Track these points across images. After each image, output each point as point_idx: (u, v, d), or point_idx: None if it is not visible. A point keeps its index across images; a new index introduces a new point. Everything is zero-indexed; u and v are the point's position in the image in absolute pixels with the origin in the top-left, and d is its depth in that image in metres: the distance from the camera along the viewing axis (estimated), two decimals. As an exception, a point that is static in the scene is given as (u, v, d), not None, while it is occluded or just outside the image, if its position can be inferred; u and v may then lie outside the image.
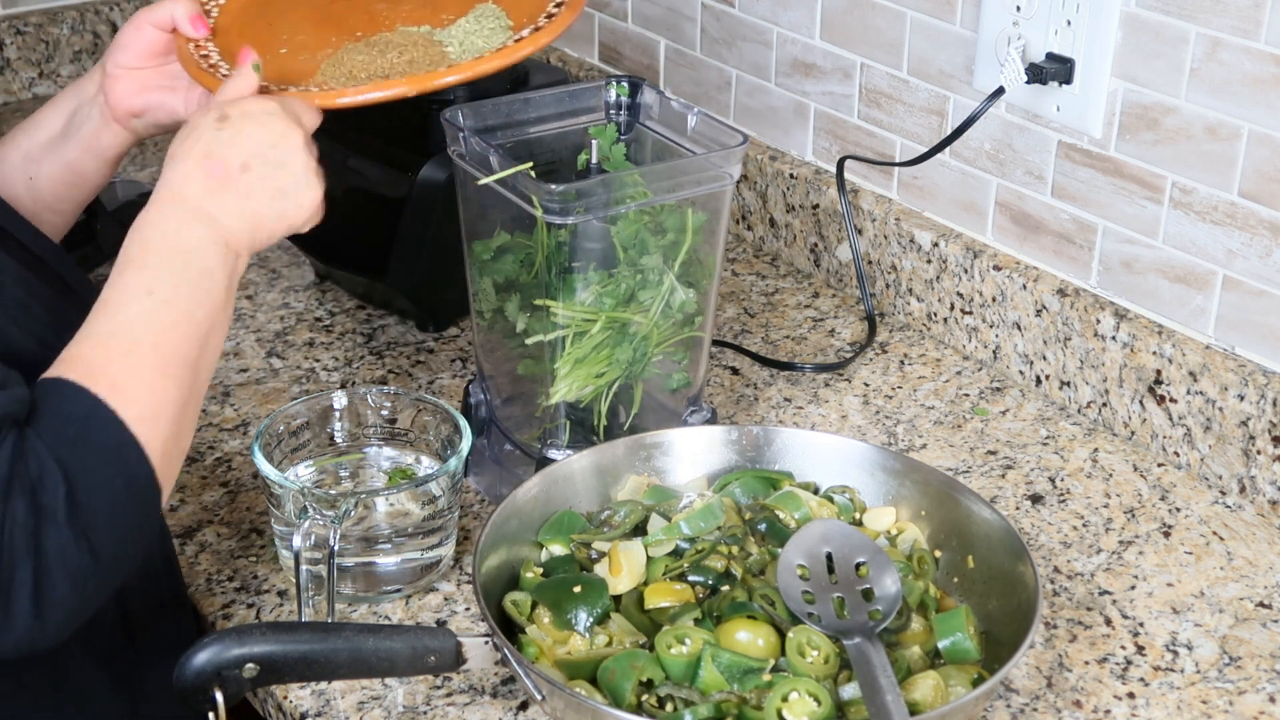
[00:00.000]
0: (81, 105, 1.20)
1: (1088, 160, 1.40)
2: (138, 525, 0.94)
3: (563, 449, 1.24)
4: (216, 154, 1.03)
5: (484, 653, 1.04)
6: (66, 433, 0.91)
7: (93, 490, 0.90)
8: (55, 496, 0.89)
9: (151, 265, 0.99)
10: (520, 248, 1.22)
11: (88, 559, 0.90)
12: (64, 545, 0.89)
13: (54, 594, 0.89)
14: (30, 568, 0.88)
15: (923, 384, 1.50)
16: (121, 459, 0.92)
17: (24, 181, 1.20)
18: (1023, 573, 1.10)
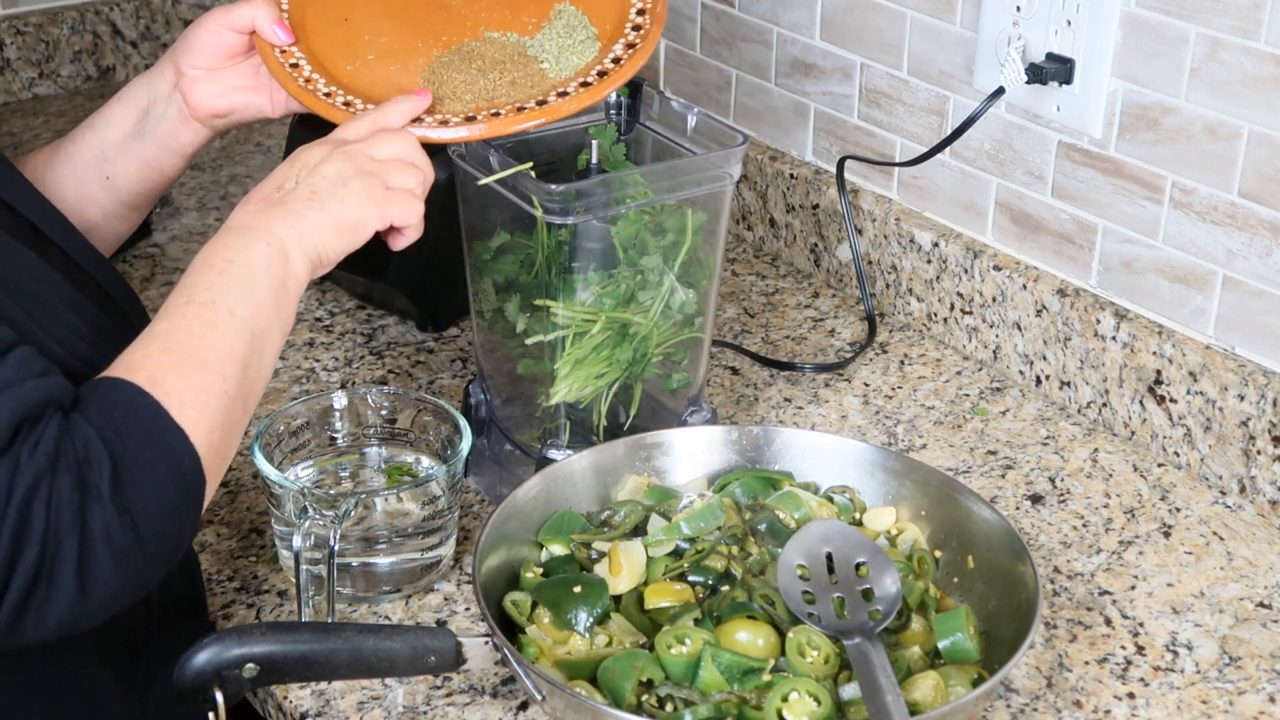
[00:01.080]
0: (155, 103, 1.19)
1: (1088, 160, 1.40)
2: (182, 510, 0.94)
3: (563, 449, 1.24)
4: (255, 192, 1.06)
5: (484, 653, 1.04)
6: (112, 416, 0.92)
7: (137, 471, 0.91)
8: (101, 474, 0.89)
9: (194, 279, 1.01)
10: (520, 248, 1.22)
11: (131, 538, 0.90)
12: (108, 522, 0.89)
13: (98, 571, 0.89)
14: (75, 543, 0.88)
15: (923, 384, 1.50)
16: (165, 445, 0.93)
17: (100, 181, 1.20)
18: (1023, 573, 1.10)
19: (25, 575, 0.88)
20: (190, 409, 0.94)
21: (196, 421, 0.94)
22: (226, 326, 0.99)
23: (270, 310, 1.02)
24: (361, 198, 1.06)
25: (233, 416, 0.98)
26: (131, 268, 1.67)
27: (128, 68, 2.15)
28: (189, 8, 2.18)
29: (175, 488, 0.93)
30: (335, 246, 1.06)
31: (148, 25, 2.15)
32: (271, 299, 1.02)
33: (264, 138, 1.99)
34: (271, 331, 1.02)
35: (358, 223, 1.07)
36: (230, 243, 1.03)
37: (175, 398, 0.94)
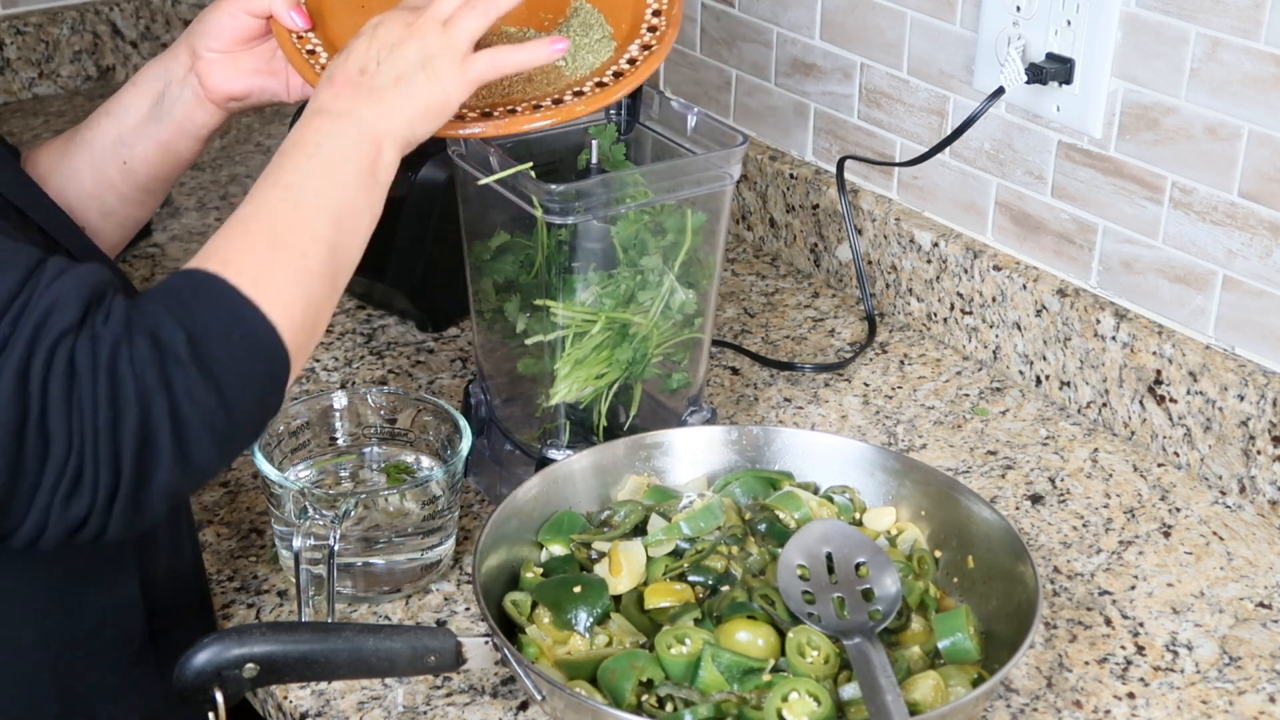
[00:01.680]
0: (170, 86, 1.19)
1: (1088, 160, 1.40)
2: (265, 379, 0.93)
3: (563, 449, 1.24)
4: (337, 71, 1.06)
5: (484, 653, 1.04)
6: (180, 296, 0.92)
7: (213, 341, 0.91)
8: (175, 339, 0.89)
9: (282, 163, 1.01)
10: (520, 248, 1.22)
11: (215, 399, 0.90)
12: (191, 384, 0.89)
13: (190, 433, 0.89)
14: (165, 402, 0.88)
15: (923, 384, 1.50)
16: (238, 317, 0.92)
17: (118, 166, 1.20)
18: (1023, 573, 1.10)
19: (133, 440, 0.87)
20: (265, 285, 0.94)
21: (272, 296, 0.94)
22: (310, 208, 0.99)
23: (357, 195, 1.01)
24: (444, 77, 1.06)
25: (316, 293, 0.97)
26: (131, 268, 1.67)
27: (127, 68, 2.15)
28: (189, 8, 2.18)
29: (253, 356, 0.92)
30: (425, 129, 1.07)
31: (148, 25, 2.15)
32: (359, 184, 1.01)
33: (264, 138, 1.99)
34: (359, 215, 1.01)
35: (444, 102, 1.07)
36: (321, 127, 1.03)
37: (248, 275, 0.94)
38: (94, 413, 0.86)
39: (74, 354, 0.86)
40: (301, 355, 0.97)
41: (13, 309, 0.86)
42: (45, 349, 0.86)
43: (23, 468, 0.86)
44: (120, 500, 0.88)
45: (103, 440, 0.86)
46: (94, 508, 0.88)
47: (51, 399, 0.86)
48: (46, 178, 1.20)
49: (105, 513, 0.88)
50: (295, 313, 0.95)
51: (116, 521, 0.89)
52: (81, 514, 0.88)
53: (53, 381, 0.86)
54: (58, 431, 0.86)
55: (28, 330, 0.86)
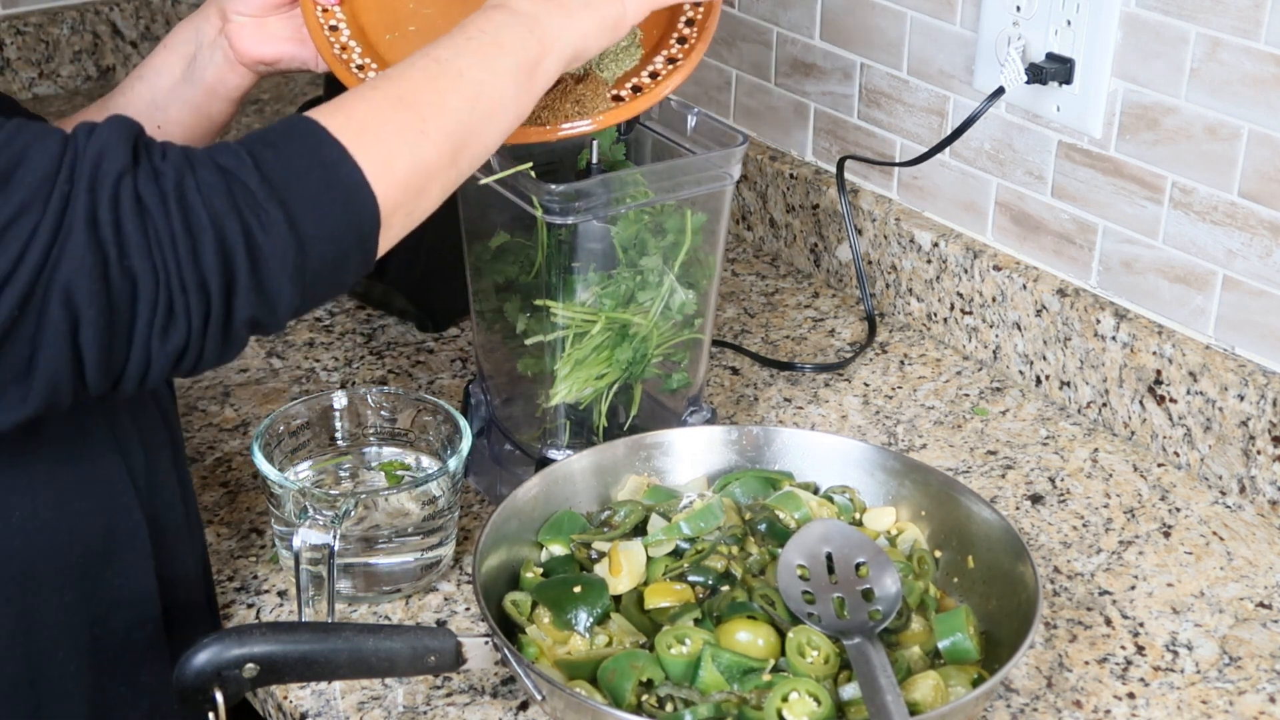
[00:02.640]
0: (201, 48, 1.19)
1: (1088, 160, 1.40)
2: (346, 224, 0.91)
3: (563, 449, 1.24)
4: None
5: (484, 653, 1.04)
6: (267, 133, 0.91)
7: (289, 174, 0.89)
8: (242, 167, 0.88)
9: (443, 40, 1.00)
10: (520, 248, 1.22)
11: (285, 229, 0.88)
12: (259, 209, 0.87)
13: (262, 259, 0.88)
14: (237, 225, 0.87)
15: (923, 384, 1.50)
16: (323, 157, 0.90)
17: (152, 130, 1.19)
18: (1023, 573, 1.10)
19: (215, 262, 0.86)
20: (369, 135, 0.92)
21: (373, 146, 0.92)
22: (449, 80, 0.98)
23: (506, 85, 1.00)
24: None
25: (428, 159, 0.95)
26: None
27: (127, 68, 2.15)
28: (189, 7, 2.18)
29: (332, 196, 0.90)
30: (598, 43, 1.06)
31: (148, 25, 2.15)
32: (512, 77, 1.01)
33: (264, 138, 1.98)
34: (503, 105, 1.00)
35: (620, 17, 1.07)
36: (494, 17, 1.02)
37: (355, 122, 0.92)
38: (173, 244, 0.86)
39: (139, 191, 0.86)
40: (399, 215, 0.94)
41: (64, 169, 0.85)
42: (108, 192, 0.85)
43: (117, 309, 0.85)
44: (212, 326, 0.88)
45: (186, 269, 0.86)
46: (190, 335, 0.87)
47: (127, 238, 0.85)
48: None
49: (201, 338, 0.88)
50: (397, 169, 0.93)
51: (211, 349, 0.89)
52: (180, 343, 0.88)
53: (125, 221, 0.85)
54: (142, 268, 0.85)
55: (84, 181, 0.85)
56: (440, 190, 0.98)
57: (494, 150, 1.02)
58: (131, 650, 1.06)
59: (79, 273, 0.84)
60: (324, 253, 0.90)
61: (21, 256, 0.83)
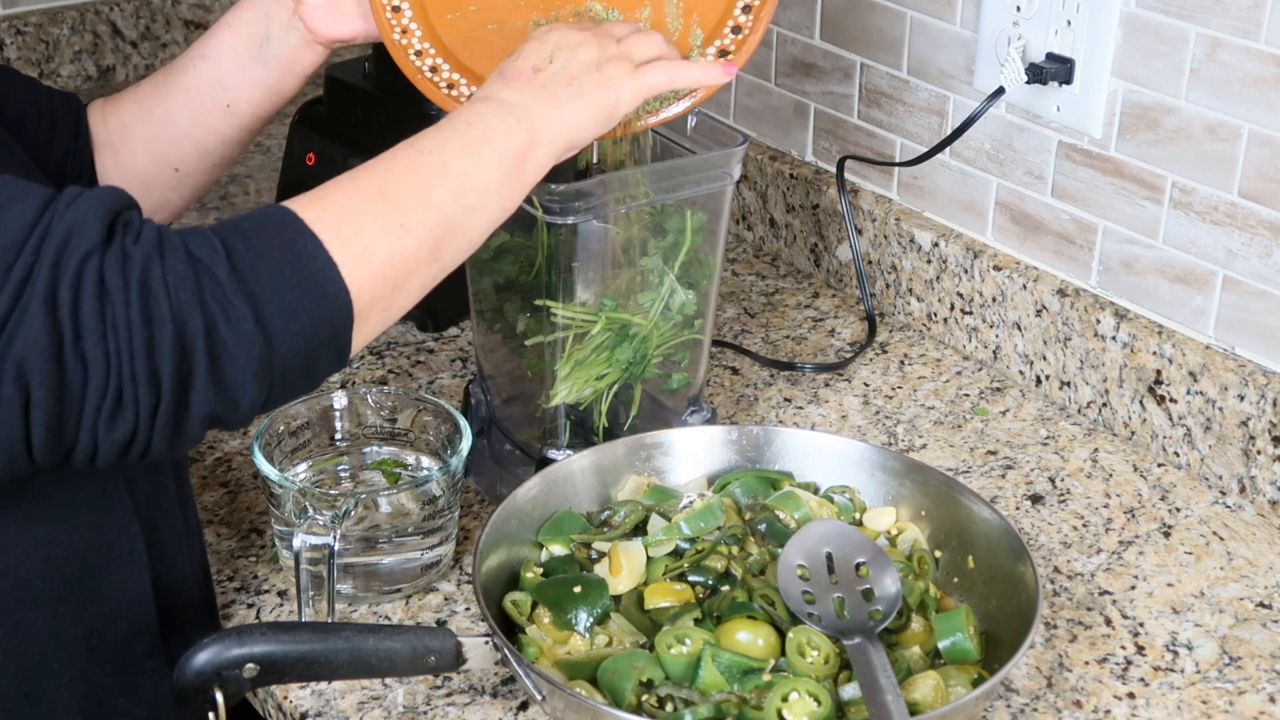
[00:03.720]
0: (273, 30, 1.19)
1: (1088, 160, 1.40)
2: (314, 323, 0.89)
3: (563, 449, 1.24)
4: (509, 67, 1.06)
5: (484, 653, 1.04)
6: (241, 222, 0.90)
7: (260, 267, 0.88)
8: (214, 257, 0.87)
9: (428, 132, 0.99)
10: (520, 248, 1.22)
11: (252, 325, 0.87)
12: (227, 304, 0.86)
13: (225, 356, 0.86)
14: (200, 320, 0.86)
15: (923, 384, 1.50)
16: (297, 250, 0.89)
17: (220, 109, 1.20)
18: (1023, 573, 1.10)
19: (170, 356, 0.85)
20: (347, 228, 0.91)
21: (350, 240, 0.91)
22: (432, 172, 0.96)
23: (492, 178, 0.99)
24: (615, 82, 1.06)
25: (407, 255, 0.94)
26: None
27: (128, 68, 2.15)
28: (189, 8, 2.18)
29: (305, 292, 0.89)
30: (590, 132, 1.06)
31: (148, 25, 2.15)
32: (498, 169, 1.00)
33: (264, 138, 1.99)
34: (488, 198, 0.99)
35: (613, 107, 1.06)
36: (480, 109, 1.02)
37: (333, 215, 0.91)
38: (129, 332, 0.84)
39: (103, 274, 0.85)
40: (376, 310, 0.93)
41: (33, 238, 0.84)
42: (71, 272, 0.84)
43: (67, 392, 0.85)
44: (161, 418, 0.87)
45: (139, 360, 0.85)
46: (138, 426, 0.86)
47: (84, 321, 0.84)
48: (132, 124, 1.21)
49: (149, 430, 0.87)
50: (374, 263, 0.92)
51: (159, 440, 0.88)
52: (127, 433, 0.87)
53: (84, 303, 0.84)
54: (94, 354, 0.84)
55: (50, 256, 0.84)
56: (420, 285, 0.97)
57: (479, 243, 1.01)
58: (129, 660, 1.06)
59: (33, 350, 0.83)
60: (293, 348, 0.89)
61: None
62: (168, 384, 0.86)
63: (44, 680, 1.02)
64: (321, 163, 1.57)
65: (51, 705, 1.03)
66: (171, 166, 1.22)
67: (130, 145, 1.22)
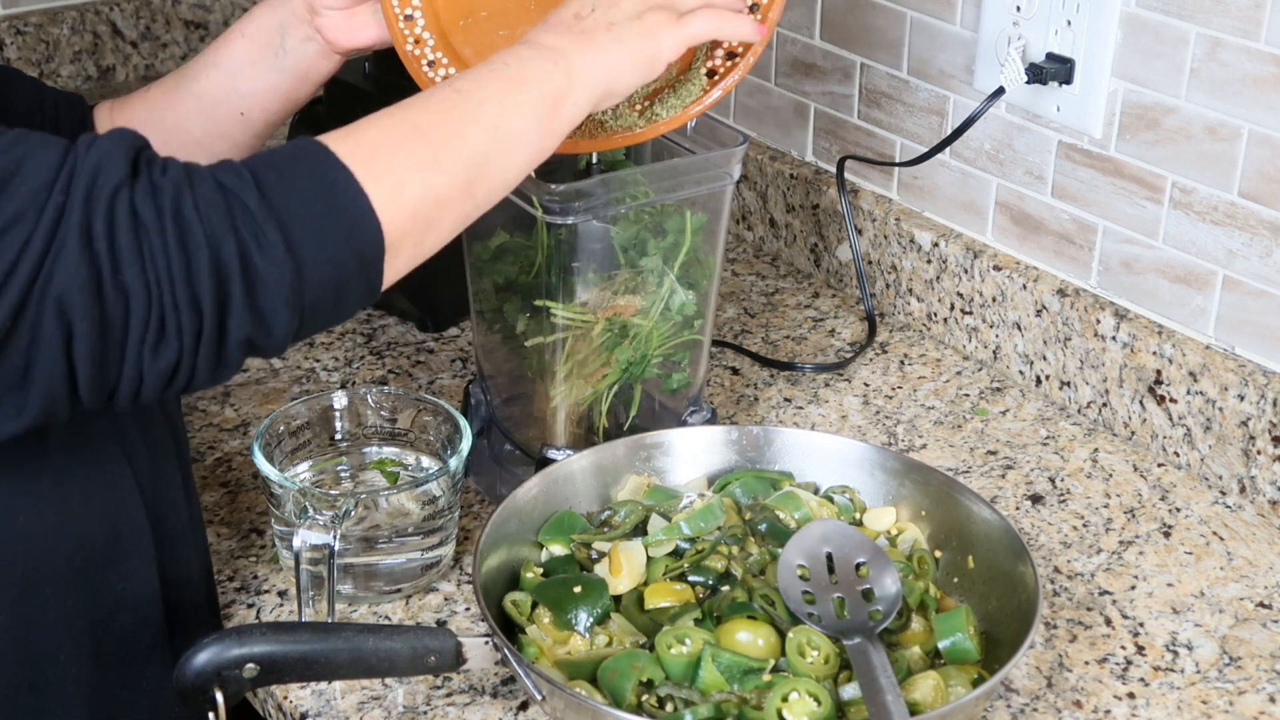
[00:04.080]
0: (288, 39, 1.20)
1: (1088, 160, 1.40)
2: (343, 252, 0.89)
3: (563, 449, 1.24)
4: (553, 16, 1.06)
5: (484, 653, 1.04)
6: (274, 154, 0.90)
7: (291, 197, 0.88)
8: (243, 186, 0.87)
9: (467, 73, 1.00)
10: (520, 248, 1.22)
11: (283, 251, 0.87)
12: (258, 230, 0.87)
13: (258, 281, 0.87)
14: (234, 244, 0.86)
15: (923, 384, 1.50)
16: (328, 181, 0.89)
17: (234, 117, 1.21)
18: (1023, 573, 1.10)
19: (210, 281, 0.85)
20: (379, 162, 0.91)
21: (382, 173, 0.91)
22: (466, 111, 0.97)
23: (526, 118, 0.99)
24: (657, 30, 1.05)
25: (439, 190, 0.94)
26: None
27: (128, 68, 2.15)
28: (189, 8, 2.18)
29: (334, 221, 0.89)
30: (630, 79, 1.05)
31: (148, 25, 2.15)
32: (534, 111, 0.99)
33: (264, 138, 1.99)
34: (523, 138, 0.99)
35: (654, 55, 1.05)
36: (520, 52, 1.02)
37: (365, 149, 0.91)
38: (166, 260, 0.85)
39: (135, 205, 0.85)
40: (407, 244, 0.93)
41: (60, 179, 0.85)
42: (104, 206, 0.85)
43: (109, 324, 0.85)
44: (204, 345, 0.87)
45: (179, 286, 0.85)
46: (182, 354, 0.87)
47: (121, 253, 0.84)
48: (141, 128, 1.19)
49: (192, 358, 0.87)
50: (406, 197, 0.92)
51: (203, 367, 0.88)
52: (172, 361, 0.87)
53: (119, 235, 0.84)
54: (134, 284, 0.85)
55: (80, 192, 0.84)
56: (453, 222, 0.97)
57: (514, 185, 1.01)
58: (134, 653, 1.06)
59: (72, 285, 0.83)
60: (323, 278, 0.89)
61: (14, 267, 0.83)
62: (209, 309, 0.86)
63: (49, 670, 1.02)
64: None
65: (56, 695, 1.03)
66: None
67: None
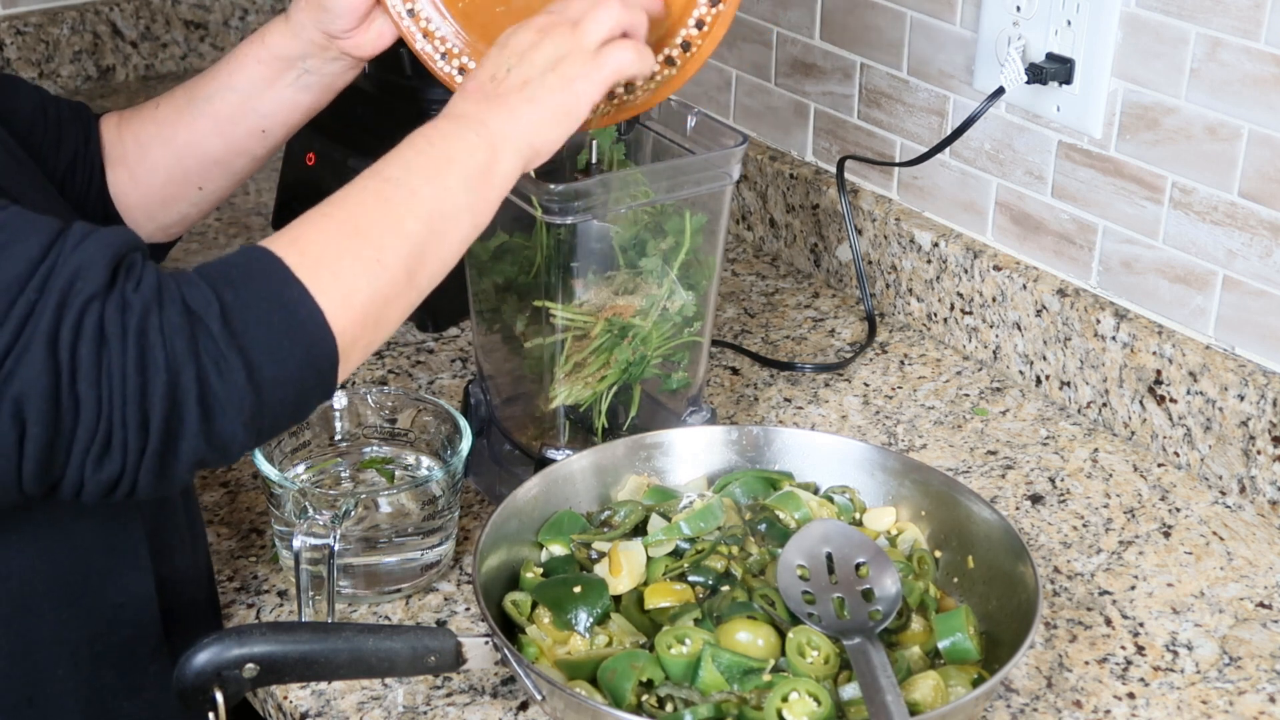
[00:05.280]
0: (309, 58, 1.20)
1: (1088, 160, 1.40)
2: (303, 364, 0.92)
3: (562, 449, 1.24)
4: (469, 80, 1.06)
5: (484, 653, 1.04)
6: (227, 272, 0.91)
7: (249, 318, 0.89)
8: (209, 310, 0.88)
9: (390, 157, 1.00)
10: (520, 248, 1.22)
11: (243, 376, 0.89)
12: (220, 358, 0.88)
13: (217, 406, 0.88)
14: (193, 372, 0.88)
15: (923, 384, 1.50)
16: (284, 298, 0.91)
17: (255, 135, 1.22)
18: (1023, 573, 1.10)
19: (161, 405, 0.87)
20: (327, 270, 0.93)
21: (331, 283, 0.92)
22: (402, 202, 0.97)
23: (459, 197, 1.00)
24: (572, 80, 1.04)
25: (385, 289, 0.96)
26: (131, 268, 1.67)
27: (128, 68, 2.15)
28: (189, 8, 2.18)
29: (292, 339, 0.91)
30: (553, 135, 1.05)
31: (148, 25, 2.15)
32: (464, 187, 1.00)
33: (264, 138, 1.99)
34: (458, 218, 1.00)
35: (571, 107, 1.05)
36: (440, 127, 1.02)
37: (311, 257, 0.93)
38: (122, 379, 0.86)
39: (103, 320, 0.86)
40: (358, 348, 0.95)
41: (38, 275, 0.86)
42: (74, 315, 0.86)
43: (59, 429, 0.86)
44: (147, 462, 0.88)
45: (130, 407, 0.86)
46: (124, 469, 0.88)
47: (81, 365, 0.85)
48: (151, 145, 1.22)
49: (135, 472, 0.89)
50: (356, 304, 0.94)
51: (145, 483, 0.89)
52: (114, 474, 0.88)
53: (82, 347, 0.85)
54: (87, 397, 0.86)
55: (55, 296, 0.85)
56: (400, 313, 0.99)
57: (455, 261, 1.03)
58: (133, 663, 1.06)
59: (32, 390, 0.84)
60: (283, 397, 0.92)
61: None
62: (156, 431, 0.88)
63: (48, 684, 1.02)
64: (321, 163, 1.57)
65: (55, 709, 1.03)
66: (195, 186, 1.23)
67: (147, 165, 1.22)
